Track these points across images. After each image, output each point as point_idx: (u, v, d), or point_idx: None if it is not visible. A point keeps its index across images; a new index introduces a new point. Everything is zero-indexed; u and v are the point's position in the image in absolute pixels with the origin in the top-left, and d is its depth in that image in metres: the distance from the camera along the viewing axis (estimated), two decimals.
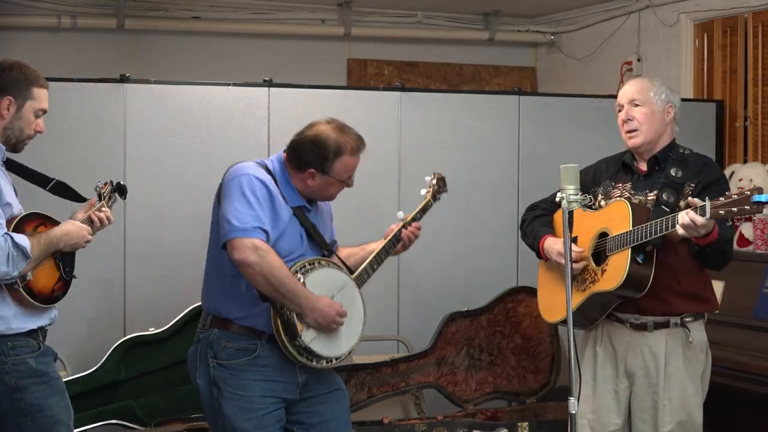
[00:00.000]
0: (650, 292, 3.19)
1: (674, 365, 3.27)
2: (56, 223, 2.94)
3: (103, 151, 4.33)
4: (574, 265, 3.22)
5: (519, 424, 4.34)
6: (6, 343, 2.77)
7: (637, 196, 3.30)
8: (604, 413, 3.30)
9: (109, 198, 3.14)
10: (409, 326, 4.75)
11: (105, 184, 3.14)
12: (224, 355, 3.01)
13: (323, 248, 3.14)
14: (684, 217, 2.94)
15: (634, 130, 3.29)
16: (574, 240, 3.31)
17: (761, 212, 2.87)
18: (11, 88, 2.89)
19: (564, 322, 3.34)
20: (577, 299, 3.24)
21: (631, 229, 3.13)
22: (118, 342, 4.10)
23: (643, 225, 3.09)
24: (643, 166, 3.35)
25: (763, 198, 2.80)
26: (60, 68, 5.15)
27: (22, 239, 2.73)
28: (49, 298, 2.88)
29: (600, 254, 3.26)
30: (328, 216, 3.28)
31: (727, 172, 5.11)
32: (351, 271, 3.19)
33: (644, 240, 3.09)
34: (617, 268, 3.15)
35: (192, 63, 6.27)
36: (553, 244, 3.37)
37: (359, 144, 3.13)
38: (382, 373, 4.38)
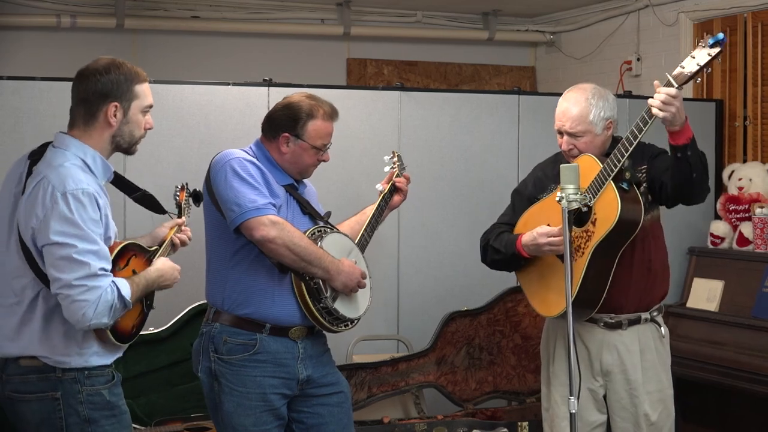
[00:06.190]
0: (627, 288, 3.24)
1: (649, 359, 3.34)
2: (145, 252, 2.80)
3: None
4: (557, 239, 3.20)
5: (519, 423, 4.34)
6: (83, 373, 2.61)
7: None
8: (584, 412, 3.32)
9: (188, 207, 3.04)
10: (409, 326, 4.75)
11: (182, 190, 3.01)
12: (225, 350, 3.04)
13: (320, 221, 3.19)
14: (657, 96, 2.94)
15: (577, 156, 3.31)
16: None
17: (720, 51, 2.88)
18: (114, 92, 2.66)
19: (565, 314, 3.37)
20: (581, 266, 3.19)
21: (601, 166, 3.13)
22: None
23: (615, 150, 3.10)
24: None
25: (720, 36, 2.87)
26: (60, 68, 5.13)
27: (126, 289, 2.56)
28: (127, 337, 2.71)
29: (581, 218, 3.24)
30: (316, 198, 3.32)
31: (726, 172, 5.12)
32: (350, 239, 3.25)
33: (624, 159, 3.08)
34: (608, 205, 3.13)
35: (191, 62, 6.27)
36: (529, 234, 3.30)
37: (332, 111, 3.20)
38: (382, 373, 4.38)
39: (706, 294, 4.75)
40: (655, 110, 2.95)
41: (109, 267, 2.55)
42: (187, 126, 4.44)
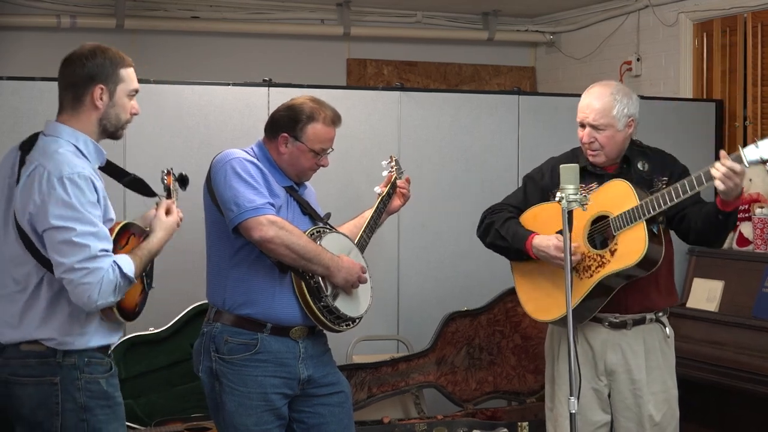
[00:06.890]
0: (634, 288, 3.24)
1: (654, 360, 3.34)
2: (143, 233, 2.77)
3: None
4: (572, 257, 3.18)
5: (519, 423, 4.34)
6: (83, 359, 2.62)
7: None
8: (588, 411, 3.32)
9: (176, 191, 2.98)
10: (409, 326, 4.75)
11: (168, 174, 2.94)
12: (226, 349, 3.04)
13: (319, 222, 3.20)
14: (719, 167, 2.92)
15: (597, 150, 3.32)
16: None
17: None
18: (100, 75, 2.72)
19: (559, 321, 3.36)
20: (584, 287, 3.20)
21: (639, 203, 3.12)
22: (118, 341, 4.10)
23: (661, 192, 3.09)
24: (610, 168, 3.37)
25: None
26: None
27: (127, 266, 2.56)
28: (132, 313, 2.71)
29: (596, 238, 3.24)
30: (315, 199, 3.33)
31: None
32: (350, 239, 3.26)
33: (666, 206, 3.07)
34: (634, 242, 3.12)
35: (191, 63, 6.27)
36: (545, 240, 3.28)
37: (335, 117, 3.19)
38: (382, 373, 4.38)
39: (706, 294, 4.75)
40: (717, 182, 2.95)
41: (110, 247, 2.56)
42: (187, 126, 4.44)
